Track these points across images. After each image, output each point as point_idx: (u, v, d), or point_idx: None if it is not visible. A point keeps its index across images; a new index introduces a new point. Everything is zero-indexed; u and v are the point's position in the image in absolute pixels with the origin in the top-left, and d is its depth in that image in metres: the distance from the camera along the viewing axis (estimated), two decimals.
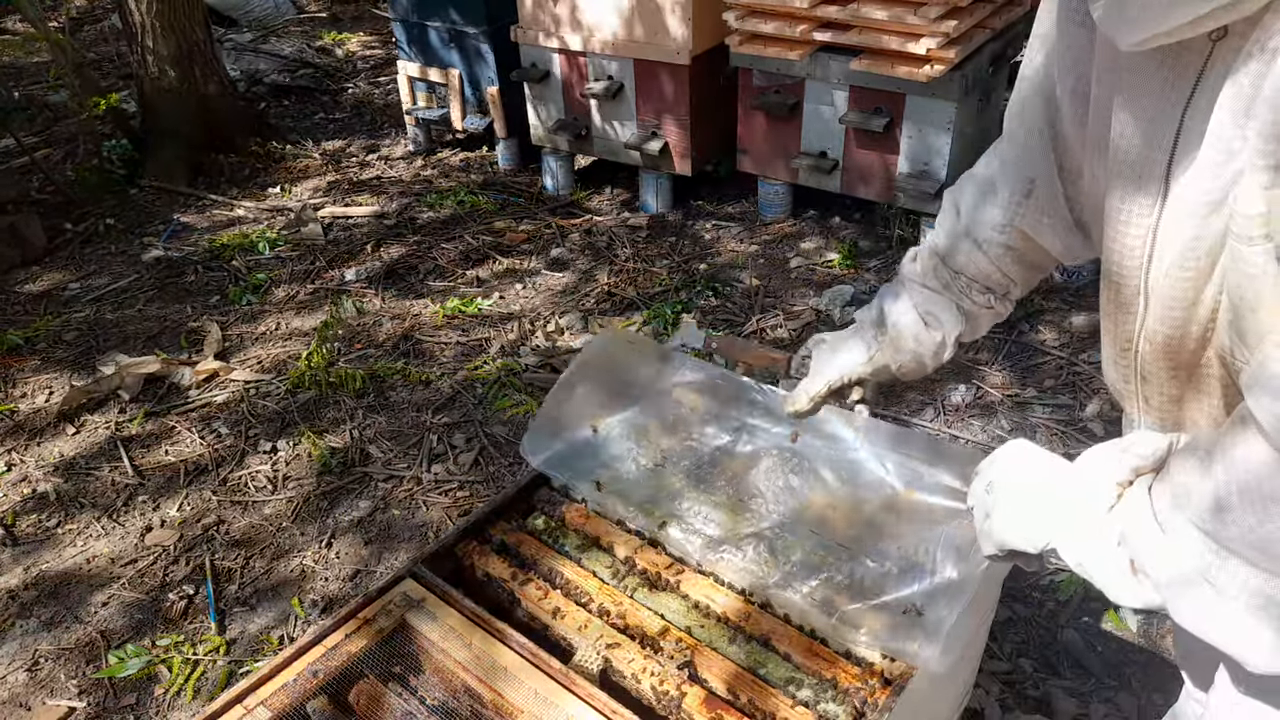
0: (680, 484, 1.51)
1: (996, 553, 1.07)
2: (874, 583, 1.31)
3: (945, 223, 1.34)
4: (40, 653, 2.32)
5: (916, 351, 1.36)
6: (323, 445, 2.91)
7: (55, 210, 4.49)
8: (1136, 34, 0.81)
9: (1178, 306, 0.93)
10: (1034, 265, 1.31)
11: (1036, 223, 1.22)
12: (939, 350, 1.36)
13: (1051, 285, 3.47)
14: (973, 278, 1.32)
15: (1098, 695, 2.07)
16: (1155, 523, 0.90)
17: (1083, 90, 1.06)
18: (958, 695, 1.75)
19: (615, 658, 1.28)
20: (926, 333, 1.35)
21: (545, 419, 1.61)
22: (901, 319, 1.37)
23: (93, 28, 7.45)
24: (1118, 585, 0.94)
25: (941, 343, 1.35)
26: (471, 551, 1.48)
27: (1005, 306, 1.36)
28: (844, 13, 3.46)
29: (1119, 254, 0.99)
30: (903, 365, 1.39)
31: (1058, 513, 1.00)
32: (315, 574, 2.51)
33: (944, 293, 1.35)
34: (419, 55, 4.68)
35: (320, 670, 1.29)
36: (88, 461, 2.92)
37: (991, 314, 1.36)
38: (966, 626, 1.43)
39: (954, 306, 1.34)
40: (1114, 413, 2.03)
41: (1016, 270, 1.31)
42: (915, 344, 1.36)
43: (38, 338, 3.55)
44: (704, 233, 4.09)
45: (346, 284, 3.83)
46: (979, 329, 1.39)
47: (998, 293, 1.33)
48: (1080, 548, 0.98)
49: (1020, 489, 1.05)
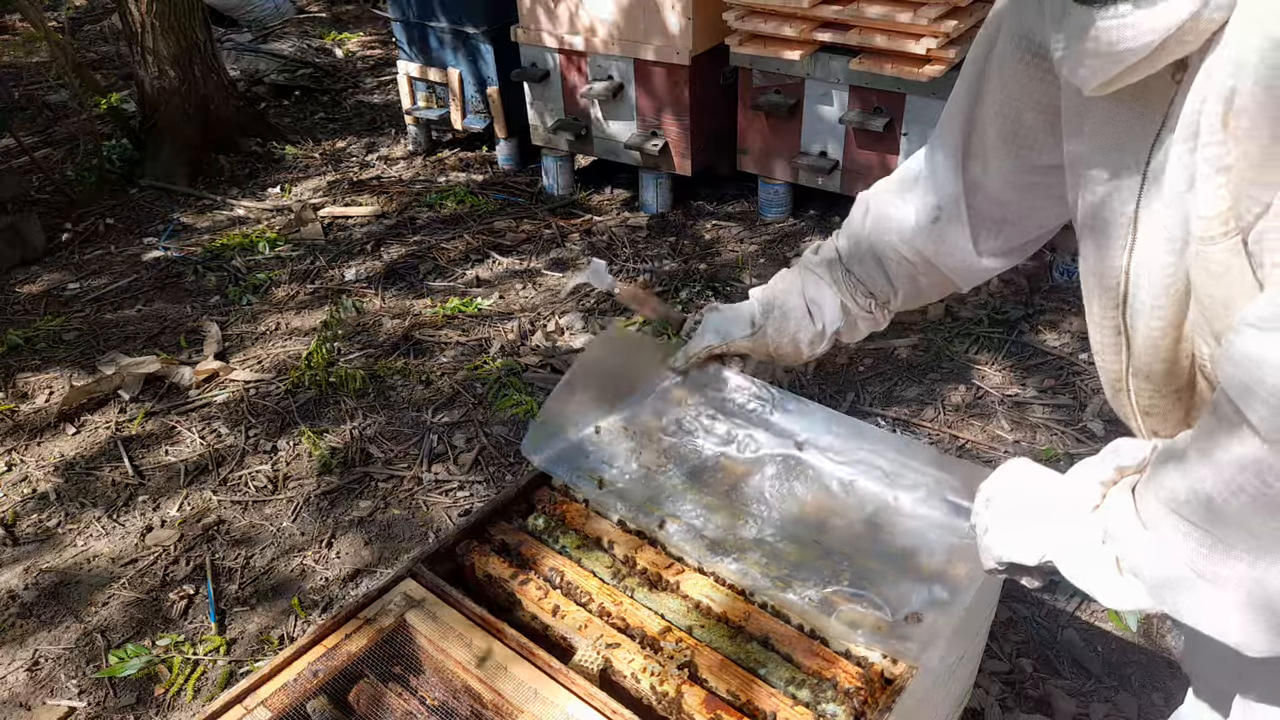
0: (681, 485, 1.51)
1: (996, 566, 1.08)
2: (873, 587, 1.31)
3: (853, 223, 1.41)
4: (40, 653, 2.32)
5: (795, 336, 1.45)
6: (323, 445, 2.91)
7: (55, 210, 4.49)
8: (1098, 77, 0.86)
9: (1164, 338, 0.96)
10: (924, 286, 1.39)
11: (937, 248, 1.31)
12: (815, 340, 1.44)
13: (1052, 285, 3.47)
14: (861, 280, 1.40)
15: (1098, 695, 2.07)
16: (1138, 519, 0.91)
17: (1012, 131, 1.14)
18: (958, 695, 1.75)
19: (615, 657, 1.28)
20: (808, 320, 1.43)
21: (547, 418, 1.61)
22: (788, 301, 1.45)
23: (93, 27, 7.46)
24: (1106, 587, 0.95)
25: (820, 333, 1.43)
26: (471, 551, 1.48)
27: (883, 315, 1.44)
28: (844, 12, 3.46)
29: (1097, 298, 1.04)
30: (780, 347, 1.47)
31: (1050, 523, 1.02)
32: (315, 574, 2.51)
33: (833, 287, 1.42)
34: (419, 55, 4.67)
35: (320, 670, 1.29)
36: (88, 461, 2.92)
37: (869, 320, 1.44)
38: (967, 626, 1.43)
39: (839, 302, 1.42)
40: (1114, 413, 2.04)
41: (906, 284, 1.39)
42: (796, 328, 1.44)
43: (38, 338, 3.55)
44: (704, 232, 4.09)
45: (346, 284, 3.83)
46: (856, 332, 1.47)
47: (879, 299, 1.41)
48: (1069, 552, 0.99)
49: (1016, 503, 1.07)
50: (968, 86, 1.21)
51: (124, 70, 6.12)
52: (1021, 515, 1.05)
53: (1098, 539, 0.96)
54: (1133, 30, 0.81)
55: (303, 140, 5.23)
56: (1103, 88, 0.88)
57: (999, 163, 1.20)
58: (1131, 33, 0.82)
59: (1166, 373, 1.00)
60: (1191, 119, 0.84)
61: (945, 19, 3.29)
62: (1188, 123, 0.85)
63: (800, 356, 1.48)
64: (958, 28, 3.30)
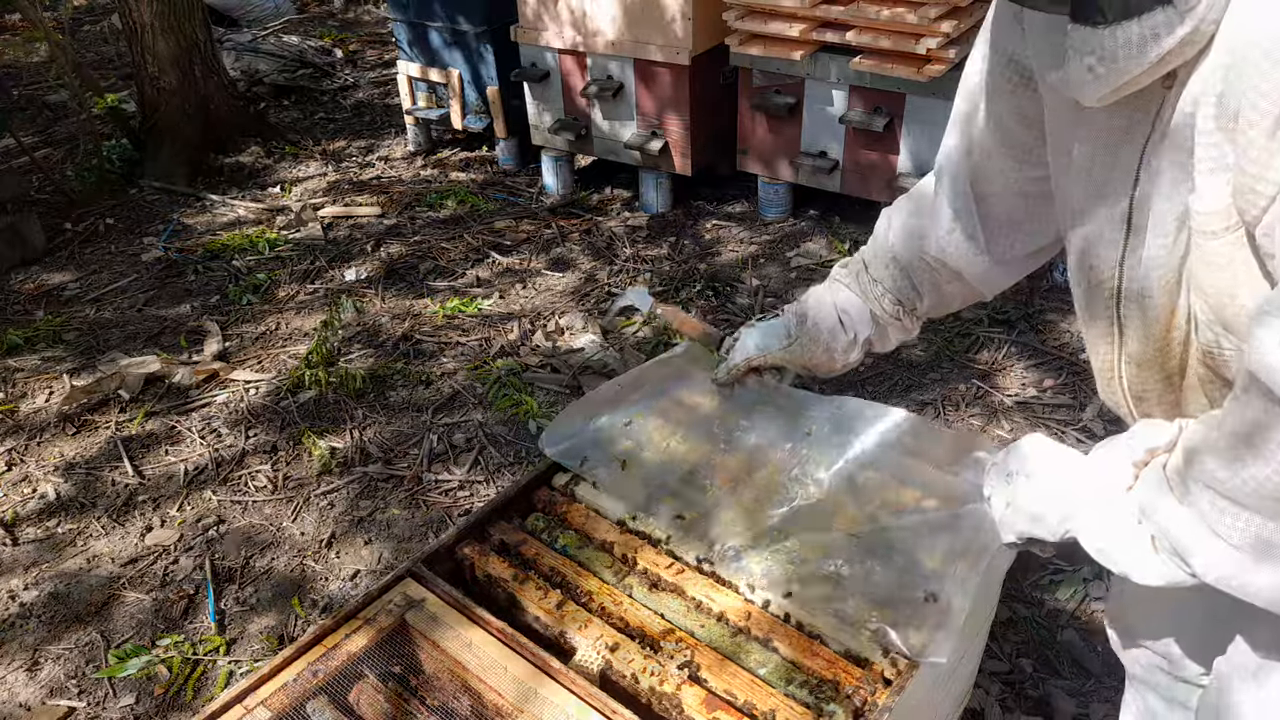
0: (696, 477, 1.53)
1: (1015, 540, 1.13)
2: (887, 572, 1.32)
3: (877, 236, 1.48)
4: (40, 652, 2.32)
5: (829, 346, 1.50)
6: (323, 445, 2.91)
7: (55, 210, 4.49)
8: (1099, 90, 0.91)
9: (1156, 325, 1.02)
10: (949, 293, 1.45)
11: (955, 255, 1.36)
12: (848, 348, 1.50)
13: (1052, 285, 3.47)
14: (888, 289, 1.45)
15: (1098, 695, 2.07)
16: (1172, 495, 0.94)
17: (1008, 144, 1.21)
18: (958, 695, 1.75)
19: (615, 658, 1.28)
20: (840, 330, 1.49)
21: (575, 413, 1.67)
22: (820, 313, 1.51)
23: (92, 27, 7.46)
24: (1141, 565, 0.98)
25: (851, 341, 1.49)
26: (471, 551, 1.48)
27: (911, 322, 1.49)
28: (844, 12, 3.46)
29: (1089, 293, 1.10)
30: (814, 357, 1.52)
31: (1076, 500, 1.05)
32: (315, 574, 2.51)
33: (861, 297, 1.48)
34: (419, 55, 4.67)
35: (320, 670, 1.29)
36: (88, 461, 2.92)
37: (899, 327, 1.49)
38: (973, 619, 1.44)
39: (868, 312, 1.48)
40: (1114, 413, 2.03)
41: (931, 291, 1.44)
42: (828, 338, 1.50)
43: (38, 338, 3.55)
44: (704, 232, 4.09)
45: (347, 284, 3.83)
46: (888, 341, 1.52)
47: (906, 306, 1.46)
48: (1101, 531, 1.02)
49: (1039, 478, 1.11)
50: (966, 95, 1.26)
51: (124, 70, 6.12)
52: (1044, 490, 1.09)
53: (1133, 519, 0.98)
54: (1137, 46, 0.86)
55: (303, 140, 5.23)
56: (1101, 99, 0.93)
57: (1001, 172, 1.26)
58: (1136, 49, 0.86)
59: (1159, 360, 1.05)
60: (1184, 122, 0.89)
61: (945, 19, 3.28)
62: (1180, 126, 0.90)
63: (834, 366, 1.53)
64: (958, 27, 3.30)
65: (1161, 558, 0.96)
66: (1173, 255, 0.97)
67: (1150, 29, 0.85)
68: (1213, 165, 0.86)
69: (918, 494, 1.42)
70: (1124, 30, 0.86)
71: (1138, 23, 0.85)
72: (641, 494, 1.52)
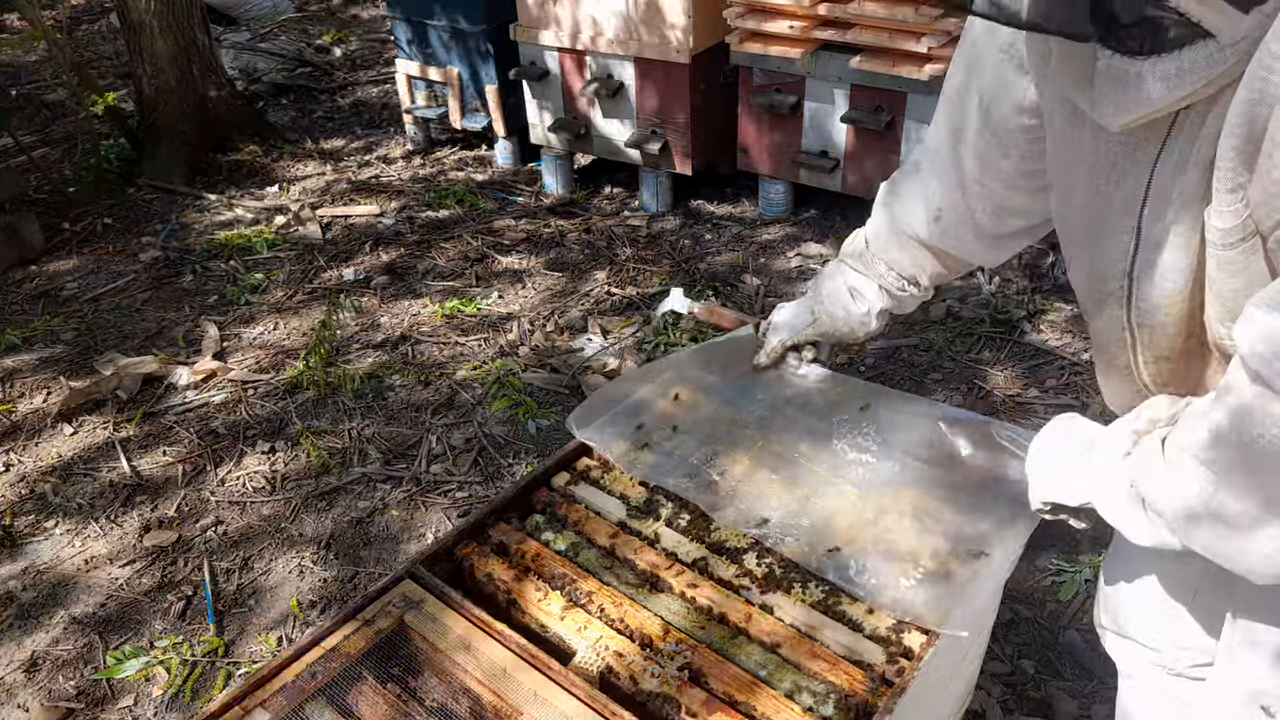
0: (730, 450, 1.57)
1: (1042, 506, 1.22)
2: (936, 529, 1.39)
3: (876, 215, 1.55)
4: (39, 653, 2.31)
5: (848, 319, 1.60)
6: (321, 446, 2.91)
7: (53, 210, 4.48)
8: (1126, 116, 0.93)
9: (1171, 326, 1.06)
10: (949, 264, 1.52)
11: (948, 239, 1.43)
12: (865, 320, 1.60)
13: (1053, 285, 3.46)
14: (890, 265, 1.54)
15: (1099, 696, 2.07)
16: (1162, 460, 1.00)
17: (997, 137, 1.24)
18: (959, 696, 1.74)
19: (615, 659, 1.28)
20: (853, 304, 1.59)
21: (605, 393, 1.70)
22: (835, 291, 1.61)
23: (90, 26, 7.45)
24: (1135, 525, 1.05)
25: (867, 313, 1.59)
26: (471, 552, 1.47)
27: (919, 290, 1.57)
28: (845, 11, 3.46)
29: (1098, 299, 1.14)
30: (837, 330, 1.63)
31: (1089, 469, 1.14)
32: (314, 575, 2.50)
33: (867, 274, 1.57)
34: (418, 54, 4.67)
35: (319, 671, 1.28)
36: (86, 462, 2.91)
37: (909, 296, 1.58)
38: (986, 602, 1.47)
39: (875, 285, 1.57)
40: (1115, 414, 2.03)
41: (929, 264, 1.52)
42: (845, 313, 1.60)
43: (35, 337, 3.54)
44: (704, 232, 4.08)
45: (345, 283, 3.82)
46: (905, 306, 1.61)
47: (908, 280, 1.55)
48: (1104, 494, 1.10)
49: (1061, 451, 1.20)
50: (959, 70, 1.28)
51: (122, 69, 6.11)
52: (1065, 463, 1.19)
53: (1128, 482, 1.05)
54: (1175, 79, 0.86)
55: (301, 139, 5.22)
56: (1124, 126, 0.94)
57: (989, 160, 1.29)
58: (1174, 81, 0.86)
59: (1178, 350, 1.10)
60: (1205, 144, 0.91)
61: (946, 17, 3.28)
62: (1200, 148, 0.92)
63: (857, 336, 1.64)
64: (959, 26, 3.29)
65: (1149, 517, 1.02)
66: (1185, 265, 0.99)
67: (1190, 62, 0.84)
68: (1229, 186, 0.87)
69: (960, 472, 1.48)
70: (1163, 64, 0.86)
71: (1177, 56, 0.85)
72: (680, 470, 1.54)
